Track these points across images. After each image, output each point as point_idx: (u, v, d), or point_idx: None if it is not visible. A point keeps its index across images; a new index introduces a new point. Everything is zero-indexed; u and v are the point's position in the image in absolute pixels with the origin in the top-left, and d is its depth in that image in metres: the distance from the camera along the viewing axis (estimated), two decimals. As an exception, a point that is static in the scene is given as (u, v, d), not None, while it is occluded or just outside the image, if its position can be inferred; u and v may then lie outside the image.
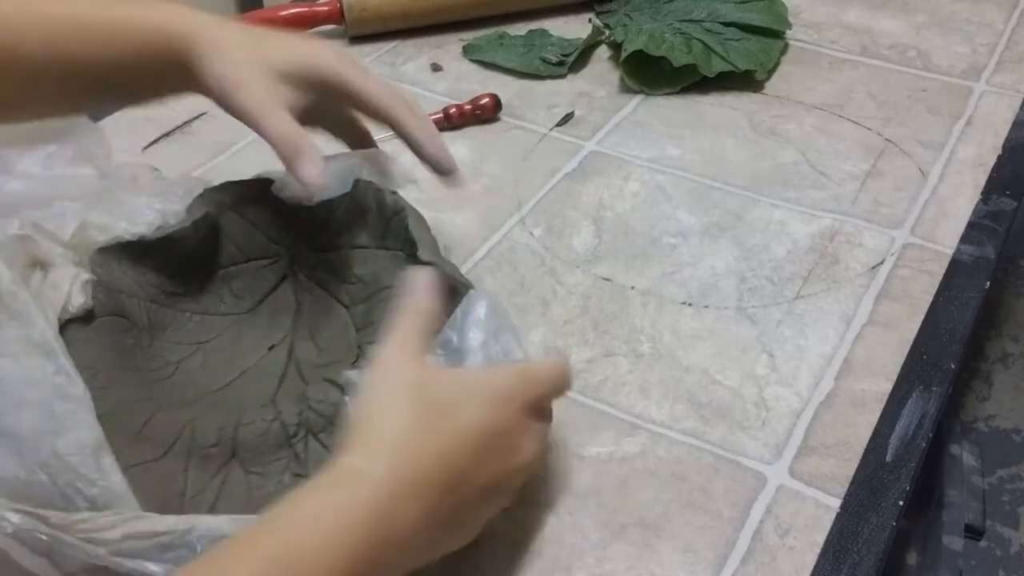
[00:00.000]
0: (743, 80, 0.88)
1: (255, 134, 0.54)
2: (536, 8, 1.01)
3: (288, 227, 0.62)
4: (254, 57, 0.54)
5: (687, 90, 0.89)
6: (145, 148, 0.84)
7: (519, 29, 0.98)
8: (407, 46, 0.98)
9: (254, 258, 0.62)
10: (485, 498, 0.46)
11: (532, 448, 0.47)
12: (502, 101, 0.86)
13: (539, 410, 0.49)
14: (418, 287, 0.48)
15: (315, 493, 0.40)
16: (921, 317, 0.65)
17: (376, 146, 0.63)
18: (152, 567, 0.43)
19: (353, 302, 0.60)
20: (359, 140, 0.63)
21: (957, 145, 0.81)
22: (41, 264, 0.53)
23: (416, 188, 0.60)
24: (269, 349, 0.60)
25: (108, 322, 0.55)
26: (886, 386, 0.61)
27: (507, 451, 0.46)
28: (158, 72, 0.55)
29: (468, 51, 0.95)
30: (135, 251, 0.57)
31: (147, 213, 0.57)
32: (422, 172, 0.60)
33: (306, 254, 0.62)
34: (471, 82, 0.91)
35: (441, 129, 0.84)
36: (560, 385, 0.51)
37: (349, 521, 0.39)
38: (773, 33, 0.92)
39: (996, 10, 0.99)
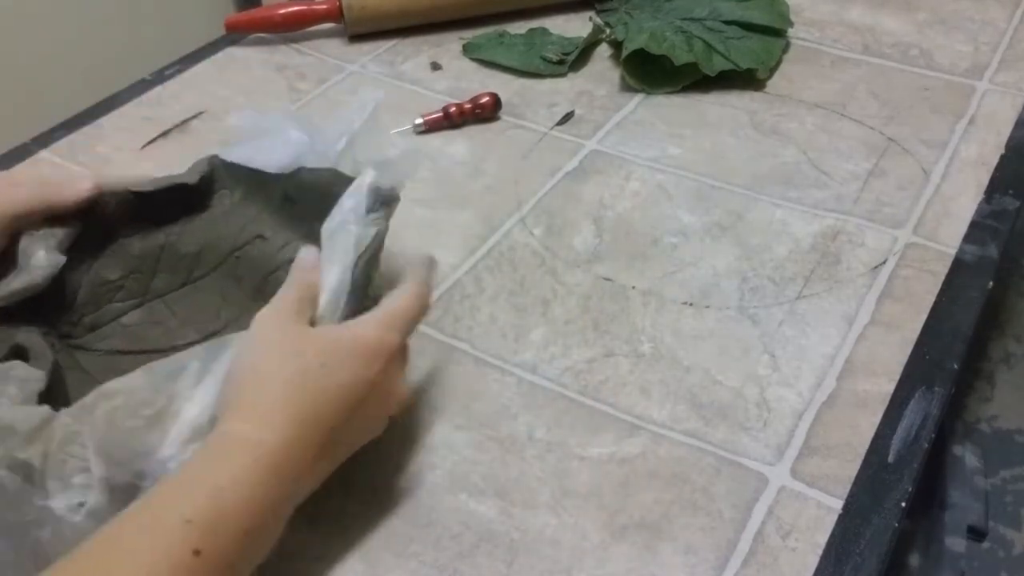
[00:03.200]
0: (744, 79, 0.88)
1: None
2: (536, 6, 1.01)
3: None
4: None
5: (688, 89, 0.88)
6: (143, 147, 0.83)
7: (519, 28, 0.98)
8: (406, 45, 0.98)
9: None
10: (361, 438, 0.52)
11: (398, 393, 0.53)
12: (502, 100, 0.86)
13: (403, 350, 0.53)
14: (305, 262, 0.53)
15: (211, 462, 0.45)
16: (923, 317, 0.65)
17: None
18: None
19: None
20: None
21: (960, 144, 0.81)
22: None
23: (417, 188, 0.60)
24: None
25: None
26: (888, 387, 0.61)
27: (376, 404, 0.51)
28: None
29: (468, 50, 0.95)
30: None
31: None
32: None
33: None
34: (471, 81, 0.91)
35: (441, 128, 0.84)
36: (421, 312, 0.54)
37: (249, 486, 0.43)
38: (775, 31, 0.91)
39: (999, 8, 0.99)
